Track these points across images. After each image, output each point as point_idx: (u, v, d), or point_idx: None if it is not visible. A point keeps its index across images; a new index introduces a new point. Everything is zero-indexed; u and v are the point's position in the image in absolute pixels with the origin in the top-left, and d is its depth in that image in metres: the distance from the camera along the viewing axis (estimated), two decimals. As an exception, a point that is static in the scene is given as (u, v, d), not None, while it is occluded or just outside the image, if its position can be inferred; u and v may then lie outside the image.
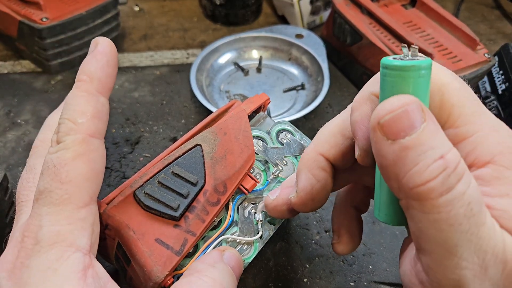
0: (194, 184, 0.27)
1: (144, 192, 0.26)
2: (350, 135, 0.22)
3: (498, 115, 0.47)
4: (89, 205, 0.22)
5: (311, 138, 0.34)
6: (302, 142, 0.33)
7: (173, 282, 0.26)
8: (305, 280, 0.35)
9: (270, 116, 0.34)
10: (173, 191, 0.26)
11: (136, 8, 0.67)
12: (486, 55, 0.46)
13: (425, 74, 0.17)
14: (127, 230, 0.25)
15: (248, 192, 0.29)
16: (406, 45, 0.19)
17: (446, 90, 0.19)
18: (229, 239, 0.28)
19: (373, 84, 0.21)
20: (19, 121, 0.48)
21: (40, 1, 0.49)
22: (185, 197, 0.26)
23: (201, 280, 0.23)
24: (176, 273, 0.26)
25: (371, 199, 0.27)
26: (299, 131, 0.33)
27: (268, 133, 0.33)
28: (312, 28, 0.63)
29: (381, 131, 0.17)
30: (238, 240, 0.28)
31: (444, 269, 0.17)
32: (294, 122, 0.38)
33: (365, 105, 0.20)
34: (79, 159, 0.21)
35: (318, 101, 0.47)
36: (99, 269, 0.22)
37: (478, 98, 0.20)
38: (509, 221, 0.18)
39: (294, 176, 0.25)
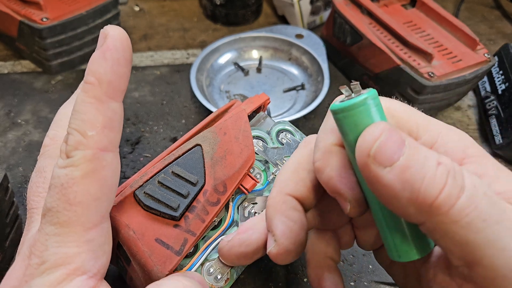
0: (194, 184, 0.27)
1: (144, 192, 0.26)
2: (312, 168, 0.21)
3: (498, 115, 0.47)
4: (99, 225, 0.20)
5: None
6: (302, 142, 0.33)
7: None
8: (305, 280, 0.35)
9: (270, 116, 0.34)
10: (173, 191, 0.26)
11: (136, 8, 0.67)
12: (486, 55, 0.46)
13: (378, 102, 0.18)
14: (127, 230, 0.25)
15: (248, 192, 0.29)
16: (345, 86, 0.19)
17: (393, 110, 0.20)
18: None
19: (328, 137, 0.20)
20: (19, 121, 0.48)
21: (40, 1, 0.49)
22: (185, 197, 0.26)
23: (175, 281, 0.22)
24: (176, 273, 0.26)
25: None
26: (299, 131, 0.33)
27: (268, 133, 0.33)
28: (312, 28, 0.63)
29: (375, 162, 0.16)
30: (238, 240, 0.28)
31: (504, 270, 0.16)
32: (294, 122, 0.38)
33: (332, 158, 0.20)
34: (88, 178, 0.20)
35: (318, 101, 0.47)
36: None
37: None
38: None
39: (251, 221, 0.24)
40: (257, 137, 0.32)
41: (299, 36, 0.56)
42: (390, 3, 0.53)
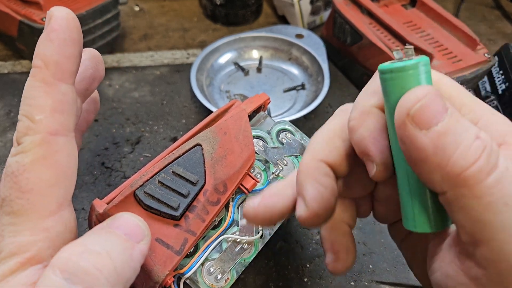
0: (194, 184, 0.27)
1: (145, 192, 0.26)
2: (347, 137, 0.21)
3: (498, 115, 0.47)
4: (57, 213, 0.19)
5: (311, 138, 0.34)
6: (302, 142, 0.33)
7: (173, 282, 0.26)
8: (305, 279, 0.35)
9: (270, 116, 0.34)
10: (174, 190, 0.26)
11: (136, 8, 0.67)
12: (486, 55, 0.46)
13: (429, 70, 0.18)
14: (128, 230, 0.25)
15: (249, 191, 0.29)
16: (398, 48, 0.19)
17: (442, 84, 0.20)
18: (230, 239, 0.28)
19: (369, 98, 0.20)
20: (19, 121, 0.48)
21: (40, 1, 0.49)
22: (185, 196, 0.26)
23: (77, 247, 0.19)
24: (176, 273, 0.26)
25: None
26: (299, 130, 0.33)
27: (269, 133, 0.33)
28: (312, 28, 0.63)
29: (413, 122, 0.16)
30: (238, 240, 0.28)
31: (508, 256, 0.16)
32: (294, 122, 0.38)
33: (369, 119, 0.20)
34: (39, 164, 0.19)
35: (318, 101, 0.47)
36: None
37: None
38: None
39: (276, 186, 0.23)
40: (257, 137, 0.32)
41: (299, 36, 0.56)
42: (390, 3, 0.53)
